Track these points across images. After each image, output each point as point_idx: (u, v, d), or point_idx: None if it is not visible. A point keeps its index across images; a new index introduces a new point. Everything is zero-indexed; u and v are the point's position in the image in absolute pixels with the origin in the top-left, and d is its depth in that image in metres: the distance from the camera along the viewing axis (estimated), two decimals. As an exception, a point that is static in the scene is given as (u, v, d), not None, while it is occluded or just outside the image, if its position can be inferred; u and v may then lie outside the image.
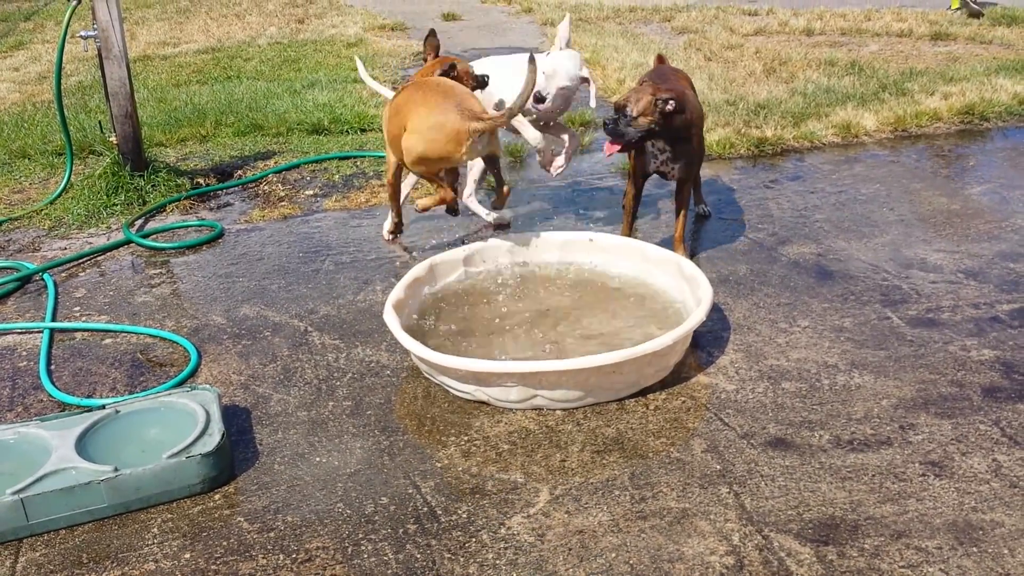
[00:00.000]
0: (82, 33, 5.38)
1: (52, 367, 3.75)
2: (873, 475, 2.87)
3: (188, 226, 5.19)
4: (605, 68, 8.36)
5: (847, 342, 3.66)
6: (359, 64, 5.13)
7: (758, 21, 10.73)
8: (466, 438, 3.15)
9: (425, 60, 4.32)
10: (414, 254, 4.57)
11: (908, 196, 5.22)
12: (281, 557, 2.65)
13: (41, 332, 4.01)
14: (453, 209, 3.99)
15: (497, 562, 2.58)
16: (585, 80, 4.42)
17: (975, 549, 2.56)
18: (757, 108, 6.73)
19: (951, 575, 2.47)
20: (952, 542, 2.58)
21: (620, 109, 3.98)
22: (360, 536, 2.72)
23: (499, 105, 4.38)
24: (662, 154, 4.14)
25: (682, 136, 4.08)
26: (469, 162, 4.30)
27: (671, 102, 3.91)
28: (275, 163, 6.18)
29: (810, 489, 2.82)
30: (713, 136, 6.16)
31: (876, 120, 6.47)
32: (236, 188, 5.82)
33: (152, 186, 5.61)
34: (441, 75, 4.01)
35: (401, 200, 4.53)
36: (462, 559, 2.60)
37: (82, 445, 2.96)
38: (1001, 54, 8.63)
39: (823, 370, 3.47)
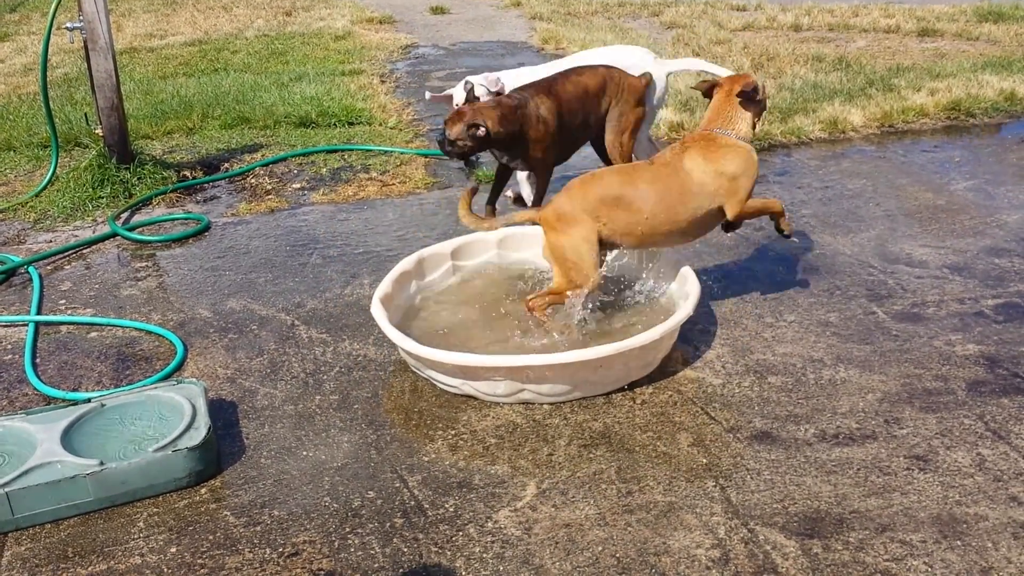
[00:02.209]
0: (68, 25, 5.35)
1: (37, 360, 3.73)
2: (858, 469, 2.89)
3: (174, 219, 5.17)
4: (593, 62, 8.35)
5: (833, 336, 3.68)
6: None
7: (746, 16, 10.76)
8: (453, 432, 3.16)
9: None
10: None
11: (894, 191, 5.25)
12: (267, 551, 2.64)
13: (26, 325, 3.98)
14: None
15: (484, 556, 2.59)
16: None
17: (959, 543, 2.57)
18: (745, 103, 6.74)
19: (935, 568, 2.48)
20: (936, 535, 2.60)
21: (443, 132, 4.22)
22: (347, 530, 2.71)
23: None
24: (503, 156, 4.41)
25: (519, 146, 4.30)
26: None
27: (481, 129, 4.09)
28: (262, 156, 6.16)
29: (795, 483, 2.83)
30: (701, 131, 6.17)
31: (863, 116, 6.50)
32: (223, 181, 5.80)
33: (138, 179, 5.59)
34: None
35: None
36: (449, 553, 2.60)
37: (67, 439, 2.95)
38: (987, 50, 8.68)
39: (809, 364, 3.49)
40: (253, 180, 5.77)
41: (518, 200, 5.04)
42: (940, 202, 5.07)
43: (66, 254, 4.76)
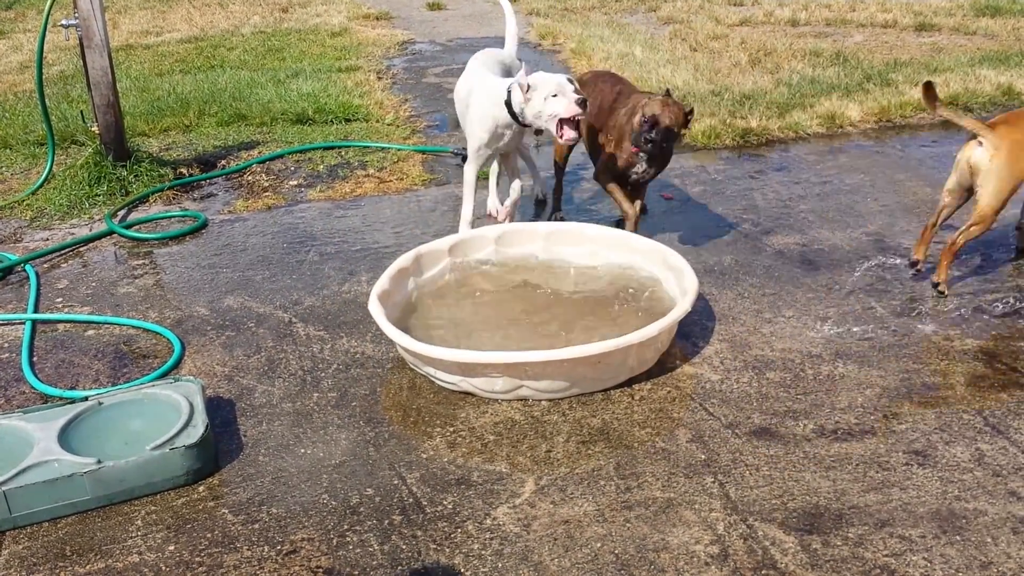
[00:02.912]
0: (63, 22, 5.33)
1: (34, 359, 3.72)
2: (857, 464, 2.89)
3: (171, 216, 5.16)
4: (591, 58, 8.35)
5: (831, 332, 3.67)
6: None
7: (743, 11, 10.74)
8: (451, 429, 3.15)
9: None
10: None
11: (892, 186, 5.24)
12: (266, 549, 2.64)
13: (23, 323, 3.97)
14: None
15: (483, 552, 2.58)
16: None
17: (958, 538, 2.57)
18: (742, 98, 6.74)
19: (934, 564, 2.48)
20: (936, 531, 2.60)
21: (653, 121, 3.98)
22: (345, 527, 2.71)
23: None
24: (649, 167, 4.22)
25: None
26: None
27: (693, 113, 4.07)
28: (259, 153, 6.14)
29: (794, 479, 2.83)
30: (699, 126, 6.17)
31: (861, 111, 6.49)
32: (220, 178, 5.79)
33: (135, 176, 5.57)
34: None
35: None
36: (447, 550, 2.60)
37: (65, 437, 2.94)
38: (985, 44, 8.67)
39: (807, 360, 3.49)
40: (250, 177, 5.75)
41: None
42: (938, 197, 5.04)
43: (63, 252, 4.75)
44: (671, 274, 3.79)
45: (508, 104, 4.08)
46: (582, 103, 3.90)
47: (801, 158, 5.78)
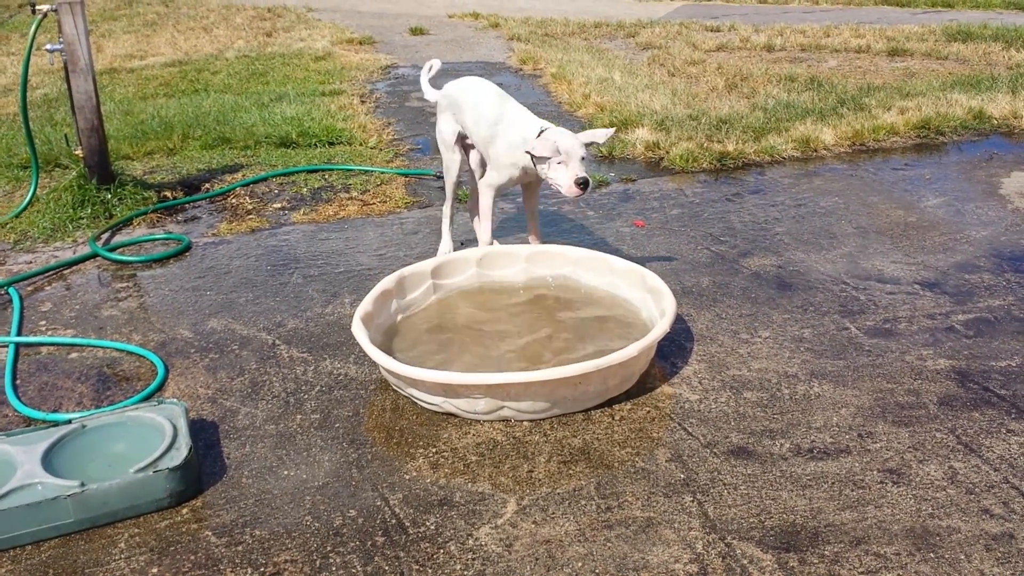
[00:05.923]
0: (48, 46, 5.35)
1: (17, 382, 3.72)
2: (832, 483, 2.94)
3: (155, 239, 5.18)
4: (571, 83, 8.46)
5: (807, 352, 3.74)
6: None
7: (720, 37, 10.90)
8: (434, 450, 3.18)
9: None
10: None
11: (866, 209, 5.34)
12: (249, 571, 2.66)
13: (6, 346, 3.98)
14: None
15: (465, 573, 2.61)
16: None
17: (932, 555, 2.62)
18: (719, 123, 6.85)
19: (907, 579, 2.53)
20: (910, 548, 2.65)
21: None
22: (328, 549, 2.73)
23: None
24: None
25: None
26: None
27: None
28: (243, 176, 6.18)
29: (771, 497, 2.88)
30: (676, 150, 6.26)
31: (835, 134, 6.61)
32: (203, 201, 5.81)
33: (119, 199, 5.59)
34: None
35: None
36: (430, 570, 2.63)
37: (48, 460, 2.94)
38: (956, 69, 8.84)
39: (783, 380, 3.55)
40: (234, 200, 5.78)
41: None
42: (911, 219, 5.16)
43: (46, 275, 4.75)
44: (650, 295, 3.85)
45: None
46: (582, 184, 3.78)
47: (777, 181, 5.87)
